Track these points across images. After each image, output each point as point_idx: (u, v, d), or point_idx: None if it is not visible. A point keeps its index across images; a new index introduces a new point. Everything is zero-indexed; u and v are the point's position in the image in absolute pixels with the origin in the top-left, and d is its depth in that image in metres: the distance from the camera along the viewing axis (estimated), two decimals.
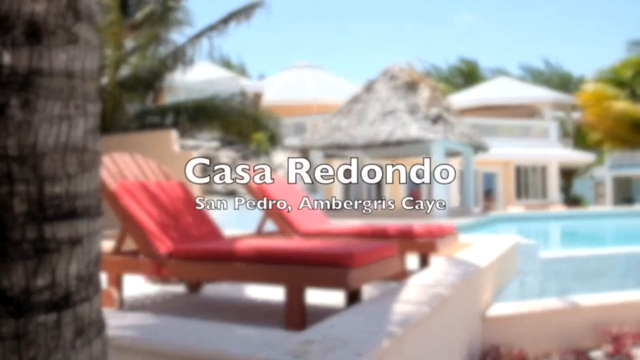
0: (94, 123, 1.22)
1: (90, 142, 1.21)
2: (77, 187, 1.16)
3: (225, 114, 10.49)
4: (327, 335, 1.93)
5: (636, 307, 4.17)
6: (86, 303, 1.16)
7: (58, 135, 1.12)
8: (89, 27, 1.20)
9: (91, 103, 1.21)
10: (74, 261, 1.14)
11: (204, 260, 2.66)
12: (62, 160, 1.13)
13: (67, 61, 1.14)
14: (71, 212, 1.14)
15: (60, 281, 1.11)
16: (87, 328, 1.16)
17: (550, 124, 23.52)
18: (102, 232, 1.26)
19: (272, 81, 28.44)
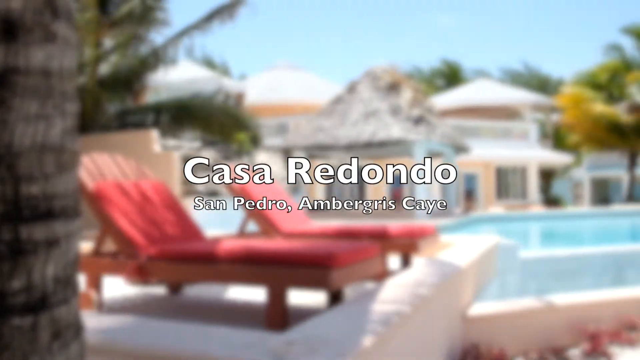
0: (72, 122, 1.21)
1: (69, 142, 1.19)
2: (54, 187, 1.14)
3: (207, 114, 10.42)
4: (309, 336, 1.92)
5: (612, 305, 4.25)
6: (63, 305, 1.14)
7: (35, 134, 1.10)
8: (67, 25, 1.18)
9: (69, 102, 1.19)
10: (50, 263, 1.12)
11: (185, 261, 2.64)
12: (39, 160, 1.11)
13: (44, 59, 1.12)
14: (48, 213, 1.12)
15: (37, 283, 1.09)
16: (65, 331, 1.14)
17: (530, 125, 23.86)
18: (80, 233, 1.24)
19: (255, 81, 28.34)
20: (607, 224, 15.35)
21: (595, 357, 3.70)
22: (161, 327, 2.13)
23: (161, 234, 2.98)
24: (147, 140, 8.42)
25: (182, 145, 12.21)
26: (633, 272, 6.03)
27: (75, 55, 1.23)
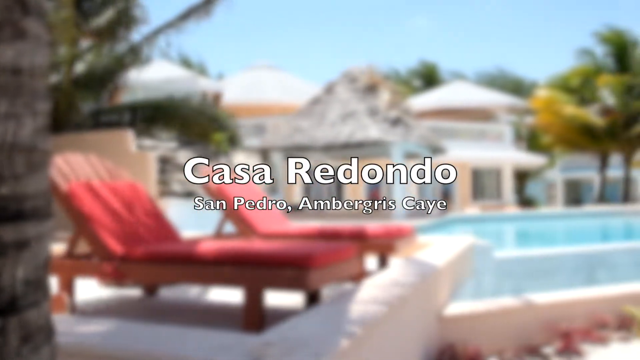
0: (43, 121, 1.18)
1: (40, 141, 1.16)
2: (24, 187, 1.12)
3: (184, 114, 10.32)
4: (286, 337, 1.92)
5: (584, 304, 4.34)
6: (34, 308, 1.12)
7: (4, 133, 1.07)
8: (38, 22, 1.16)
9: (40, 101, 1.17)
10: (21, 265, 1.09)
11: (161, 263, 2.61)
12: (9, 159, 1.08)
13: (14, 57, 1.10)
14: (18, 214, 1.10)
15: (6, 286, 1.06)
16: (35, 334, 1.12)
17: (504, 127, 24.23)
18: (52, 234, 1.22)
19: (232, 81, 28.17)
20: (579, 225, 15.68)
21: (568, 355, 3.77)
22: (136, 330, 2.10)
23: (136, 235, 2.94)
24: (123, 140, 8.31)
25: (158, 146, 12.06)
26: (604, 272, 6.16)
27: (48, 53, 1.20)
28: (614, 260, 6.32)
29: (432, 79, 37.57)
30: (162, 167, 11.10)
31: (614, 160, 25.45)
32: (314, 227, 4.11)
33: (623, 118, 22.00)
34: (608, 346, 3.95)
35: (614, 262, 6.31)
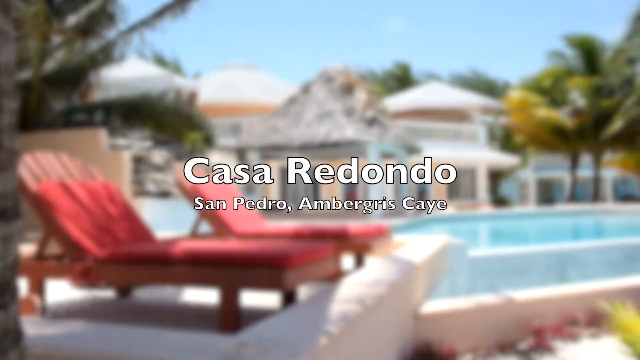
0: (10, 120, 1.15)
1: (7, 140, 1.13)
2: None
3: (159, 113, 10.18)
4: (262, 337, 1.91)
5: (556, 301, 4.42)
6: (1, 311, 1.09)
7: None
8: (3, 17, 1.12)
9: (8, 98, 1.14)
10: None
11: (134, 263, 2.57)
12: None
13: None
14: None
15: None
16: (2, 338, 1.08)
17: (479, 128, 24.58)
18: (21, 235, 1.18)
19: (208, 80, 27.93)
20: (551, 223, 16.00)
21: (540, 352, 3.84)
22: (109, 332, 2.06)
23: (109, 235, 2.88)
24: (95, 140, 8.17)
25: (132, 145, 11.89)
26: (575, 269, 6.30)
27: (14, 49, 1.17)
28: (584, 258, 6.46)
29: (407, 80, 37.88)
30: (136, 166, 10.95)
31: (584, 161, 26.04)
32: (290, 227, 4.10)
33: (592, 119, 22.52)
34: (578, 342, 4.04)
35: (584, 260, 6.45)
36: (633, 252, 6.82)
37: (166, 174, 11.59)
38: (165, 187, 10.88)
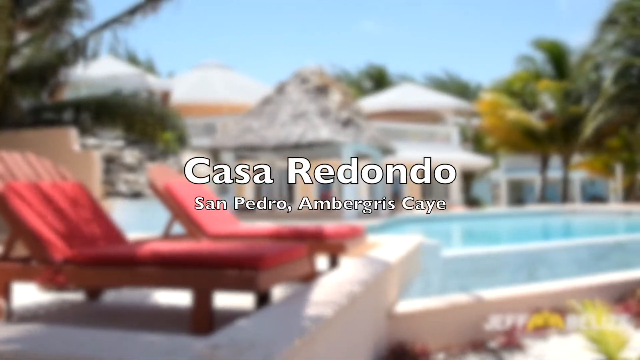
0: None
1: None
2: None
3: (131, 112, 10.01)
4: (235, 339, 1.89)
5: (526, 300, 4.51)
6: None
7: None
8: None
9: None
10: None
11: (104, 265, 2.52)
12: None
13: None
14: None
15: None
16: None
17: (452, 129, 24.90)
18: None
19: (181, 79, 27.62)
20: (522, 224, 16.31)
21: (510, 350, 3.91)
22: (78, 336, 2.01)
23: (78, 237, 2.82)
24: (65, 139, 7.99)
25: (103, 145, 11.67)
26: (544, 269, 6.43)
27: None
28: (553, 257, 6.60)
29: (382, 81, 38.16)
30: (107, 166, 10.75)
31: (553, 162, 26.64)
32: (264, 228, 4.08)
33: (562, 122, 23.04)
34: (547, 340, 4.12)
35: (554, 259, 6.59)
36: (600, 251, 7.00)
37: (138, 174, 11.42)
38: (137, 188, 10.72)
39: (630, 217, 16.10)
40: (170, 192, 4.08)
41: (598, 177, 30.70)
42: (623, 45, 21.31)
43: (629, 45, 21.23)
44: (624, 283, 5.14)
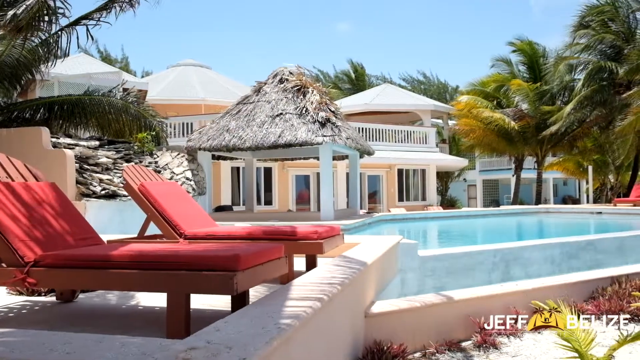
0: None
1: None
2: None
3: (105, 111, 9.86)
4: (211, 341, 1.88)
5: (500, 298, 4.58)
6: None
7: None
8: None
9: None
10: None
11: (76, 268, 2.47)
12: None
13: None
14: None
15: None
16: None
17: (429, 130, 25.11)
18: None
19: (158, 79, 27.28)
20: (497, 223, 16.55)
21: (485, 348, 3.96)
22: (49, 339, 1.97)
23: (50, 238, 2.76)
24: (37, 138, 7.83)
25: (76, 144, 11.46)
26: (518, 267, 6.53)
27: None
28: (527, 256, 6.71)
29: (360, 82, 38.32)
30: (81, 166, 10.56)
31: (528, 163, 27.10)
32: (241, 229, 4.06)
33: (535, 123, 23.45)
34: (521, 338, 4.19)
35: (527, 258, 6.71)
36: (572, 250, 7.15)
37: (113, 174, 11.24)
38: (112, 188, 10.55)
39: (601, 217, 16.48)
40: (146, 192, 4.03)
41: (571, 177, 31.34)
42: (594, 48, 21.79)
43: (600, 49, 21.73)
44: (595, 281, 5.26)
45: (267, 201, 21.11)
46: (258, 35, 79.43)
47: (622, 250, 7.65)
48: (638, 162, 21.84)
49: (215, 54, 77.86)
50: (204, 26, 79.19)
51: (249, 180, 15.78)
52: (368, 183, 23.68)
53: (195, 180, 12.61)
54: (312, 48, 75.86)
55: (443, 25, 78.94)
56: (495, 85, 26.34)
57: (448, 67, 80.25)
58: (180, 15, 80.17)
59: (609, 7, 21.00)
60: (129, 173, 4.26)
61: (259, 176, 20.51)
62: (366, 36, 76.85)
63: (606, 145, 24.10)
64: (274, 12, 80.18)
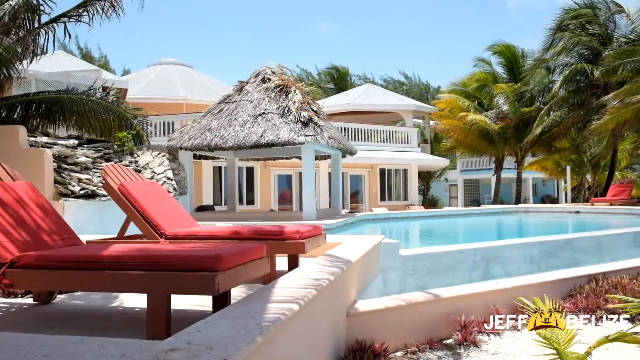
0: None
1: None
2: None
3: (84, 109, 9.72)
4: (191, 342, 1.86)
5: (481, 297, 4.62)
6: None
7: None
8: None
9: None
10: None
11: (54, 268, 2.43)
12: None
13: None
14: None
15: None
16: None
17: (411, 130, 25.27)
18: None
19: (138, 77, 26.96)
20: (478, 222, 16.72)
21: (466, 346, 4.00)
22: (26, 341, 1.94)
23: (27, 239, 2.71)
24: (13, 137, 7.69)
25: (55, 143, 11.27)
26: (498, 266, 6.61)
27: None
28: (507, 255, 6.79)
29: (343, 82, 38.38)
30: (59, 166, 10.39)
31: (508, 163, 27.42)
32: (223, 228, 4.04)
33: (515, 124, 23.75)
34: (501, 335, 4.24)
35: (507, 257, 6.79)
36: (550, 249, 7.25)
37: (92, 174, 11.08)
38: (91, 188, 10.40)
39: (579, 216, 16.76)
40: (126, 192, 3.98)
41: (549, 177, 31.80)
42: (572, 50, 22.15)
43: (577, 51, 22.09)
44: (573, 279, 5.35)
45: (249, 201, 21.03)
46: (240, 35, 79.10)
47: (599, 249, 7.79)
48: (614, 162, 22.25)
49: (196, 53, 77.38)
50: (185, 25, 78.61)
51: (231, 180, 15.70)
52: (350, 183, 23.74)
53: (176, 180, 12.50)
54: (294, 48, 75.89)
55: (425, 25, 79.58)
56: (476, 84, 26.63)
57: (430, 68, 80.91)
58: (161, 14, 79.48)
59: (587, 10, 21.36)
60: (108, 172, 4.21)
61: (241, 176, 20.42)
62: (348, 37, 77.17)
63: (583, 145, 24.52)
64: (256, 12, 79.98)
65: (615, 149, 21.99)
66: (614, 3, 21.03)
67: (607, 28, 21.39)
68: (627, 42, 19.38)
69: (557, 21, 21.89)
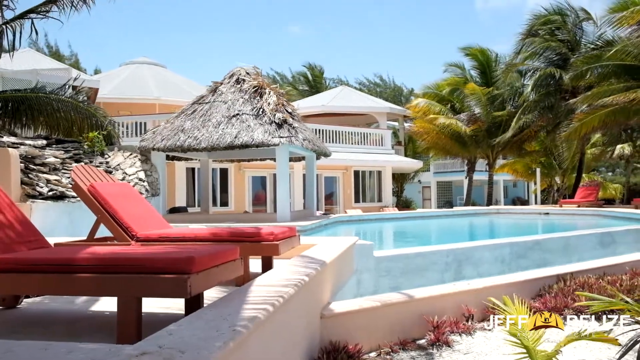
0: None
1: None
2: None
3: (53, 109, 9.49)
4: (163, 345, 1.83)
5: (453, 297, 4.68)
6: None
7: None
8: None
9: None
10: None
11: (20, 272, 2.36)
12: None
13: None
14: None
15: None
16: None
17: (385, 132, 25.46)
18: None
19: (110, 76, 26.49)
20: (450, 224, 16.94)
21: (439, 346, 4.04)
22: None
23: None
24: None
25: (22, 143, 10.99)
26: (470, 267, 6.71)
27: None
28: (478, 256, 6.90)
29: (317, 84, 38.44)
30: (26, 166, 10.13)
31: (480, 165, 27.88)
32: (195, 230, 3.99)
33: (487, 127, 24.16)
34: (473, 335, 4.30)
35: (478, 257, 6.89)
36: (520, 249, 7.40)
37: (61, 174, 10.84)
38: (60, 189, 10.17)
39: (548, 217, 17.13)
40: (95, 193, 3.91)
41: (520, 179, 32.45)
42: (542, 55, 22.65)
43: (547, 56, 22.59)
44: (542, 279, 5.46)
45: (223, 202, 20.86)
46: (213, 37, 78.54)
47: (567, 249, 7.98)
48: (582, 165, 22.82)
49: (169, 53, 76.45)
50: (158, 25, 77.61)
51: (204, 181, 15.55)
52: (325, 184, 23.78)
53: (148, 181, 12.32)
54: (267, 51, 75.62)
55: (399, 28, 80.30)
56: (449, 88, 27.01)
57: (404, 70, 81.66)
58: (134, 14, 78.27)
59: (557, 17, 21.87)
60: (77, 173, 4.12)
61: (215, 177, 20.25)
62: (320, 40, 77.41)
63: (552, 148, 25.08)
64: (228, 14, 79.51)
65: (582, 152, 22.56)
66: (582, 10, 21.59)
67: (576, 34, 21.94)
68: (594, 48, 19.91)
69: (527, 26, 22.36)
